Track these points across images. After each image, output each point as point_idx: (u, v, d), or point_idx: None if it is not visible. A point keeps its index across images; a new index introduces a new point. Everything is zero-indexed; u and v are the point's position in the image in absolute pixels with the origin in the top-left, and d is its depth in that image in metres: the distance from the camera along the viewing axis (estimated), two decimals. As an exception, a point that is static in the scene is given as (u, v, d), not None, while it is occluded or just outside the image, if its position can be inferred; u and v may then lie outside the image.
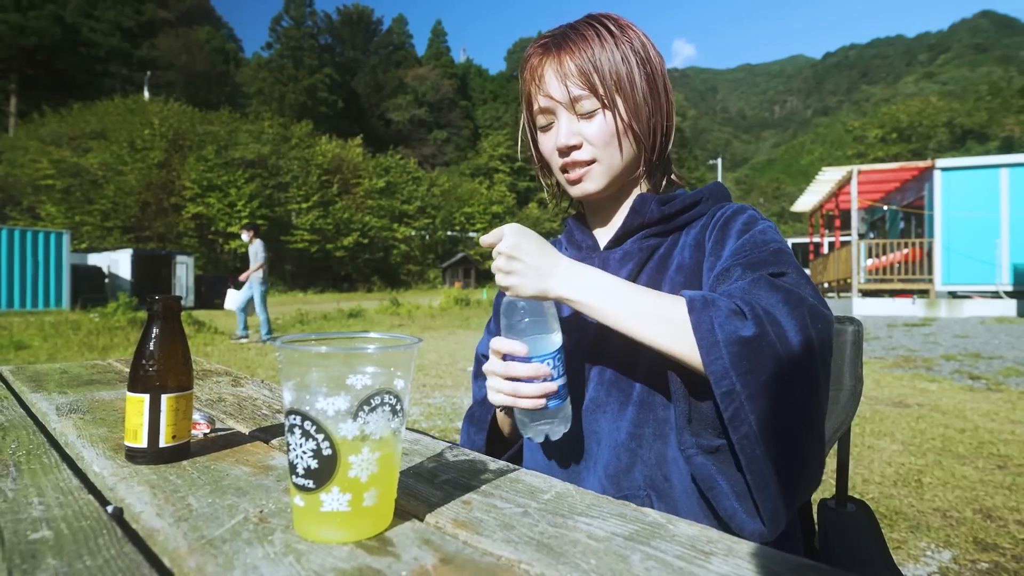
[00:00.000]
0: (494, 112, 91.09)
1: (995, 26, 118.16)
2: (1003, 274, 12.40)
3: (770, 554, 0.43)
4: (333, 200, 42.08)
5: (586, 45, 0.80)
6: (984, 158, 13.70)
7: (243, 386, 1.04)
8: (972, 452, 3.27)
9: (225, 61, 69.91)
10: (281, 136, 44.28)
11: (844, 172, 13.98)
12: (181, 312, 0.63)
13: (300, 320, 12.94)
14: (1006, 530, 2.29)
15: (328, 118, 66.62)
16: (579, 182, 0.84)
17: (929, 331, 8.90)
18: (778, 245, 0.74)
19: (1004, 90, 51.38)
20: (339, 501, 0.42)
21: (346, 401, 0.42)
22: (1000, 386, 5.07)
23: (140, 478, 0.56)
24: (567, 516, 0.49)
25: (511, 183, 58.50)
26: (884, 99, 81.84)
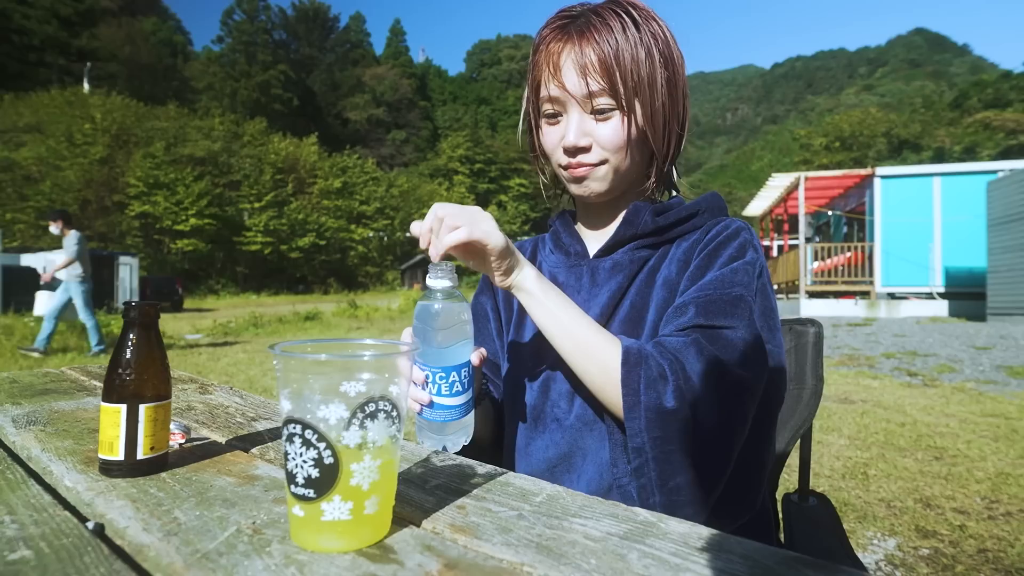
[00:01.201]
0: (453, 113, 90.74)
1: (928, 43, 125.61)
2: (936, 276, 13.19)
3: (757, 548, 0.45)
4: (288, 200, 41.04)
5: (610, 35, 0.73)
6: (919, 167, 14.56)
7: (212, 393, 1.01)
8: (912, 445, 3.46)
9: (172, 54, 67.16)
10: (233, 133, 42.90)
11: (792, 178, 14.58)
12: (158, 319, 0.61)
13: (254, 323, 12.56)
14: (944, 518, 2.43)
15: (282, 116, 64.96)
16: (583, 181, 0.79)
17: (870, 331, 9.36)
18: (740, 291, 0.71)
19: (936, 103, 54.69)
20: (340, 510, 0.42)
21: (347, 408, 0.42)
22: (935, 382, 5.39)
23: (119, 492, 0.54)
24: (561, 518, 0.50)
25: (471, 184, 58.38)
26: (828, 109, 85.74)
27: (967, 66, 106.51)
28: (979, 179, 12.34)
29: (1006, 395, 4.77)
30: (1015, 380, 5.34)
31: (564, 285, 0.85)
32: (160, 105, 44.45)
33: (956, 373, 5.75)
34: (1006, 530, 2.29)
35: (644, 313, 0.78)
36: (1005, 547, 2.15)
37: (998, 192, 11.10)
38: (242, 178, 39.32)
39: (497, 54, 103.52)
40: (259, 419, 0.84)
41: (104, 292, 19.48)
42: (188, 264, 36.74)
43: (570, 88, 0.74)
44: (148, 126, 37.81)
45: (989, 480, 2.85)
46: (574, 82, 0.74)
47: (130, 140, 36.30)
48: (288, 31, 79.34)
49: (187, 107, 48.83)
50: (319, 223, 41.08)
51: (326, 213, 42.42)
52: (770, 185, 15.27)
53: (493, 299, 0.96)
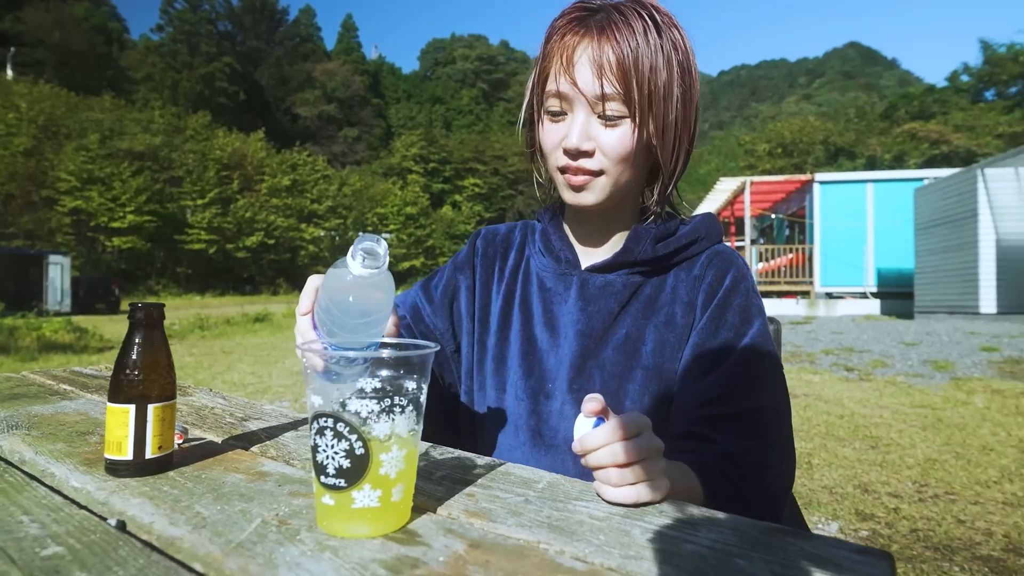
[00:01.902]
0: (408, 112, 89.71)
1: (861, 56, 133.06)
2: (869, 277, 14.03)
3: (744, 521, 0.50)
4: (234, 198, 39.58)
5: (631, 36, 0.69)
6: (854, 173, 15.45)
7: (192, 395, 1.00)
8: (850, 435, 3.70)
9: (107, 42, 63.62)
10: (174, 127, 41.02)
11: (738, 183, 15.19)
12: (163, 319, 0.61)
13: (200, 325, 12.09)
14: (880, 502, 2.62)
15: (228, 110, 62.61)
16: (577, 190, 0.76)
17: (811, 328, 9.87)
18: (759, 371, 0.74)
19: (868, 114, 58.01)
20: (370, 498, 0.45)
21: (376, 403, 0.45)
22: (869, 376, 5.75)
23: (132, 490, 0.55)
24: (565, 501, 0.55)
25: (425, 184, 57.87)
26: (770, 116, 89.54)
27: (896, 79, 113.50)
28: (907, 186, 13.20)
29: (932, 387, 5.15)
30: (939, 373, 5.76)
31: (551, 292, 0.84)
32: (94, 95, 42.03)
33: (888, 367, 6.15)
34: (934, 511, 2.50)
35: (640, 345, 0.78)
36: (934, 526, 2.34)
37: (924, 198, 11.91)
38: (184, 174, 37.68)
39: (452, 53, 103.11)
40: (250, 419, 0.84)
41: (32, 293, 18.31)
42: (125, 264, 34.91)
43: (582, 86, 0.70)
44: (81, 117, 35.70)
45: (919, 466, 3.08)
46: (587, 81, 0.70)
47: (60, 131, 34.17)
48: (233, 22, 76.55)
49: (124, 98, 46.38)
50: (267, 222, 39.83)
51: (275, 211, 41.17)
52: (718, 189, 15.86)
53: (471, 280, 0.92)
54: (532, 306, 0.86)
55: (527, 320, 0.85)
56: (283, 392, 5.28)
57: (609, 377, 0.79)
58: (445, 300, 0.90)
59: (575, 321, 0.81)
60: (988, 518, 2.41)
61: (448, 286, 0.91)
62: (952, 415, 4.16)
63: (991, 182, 10.11)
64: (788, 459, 0.75)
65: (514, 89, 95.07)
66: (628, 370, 0.78)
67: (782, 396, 0.76)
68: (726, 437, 0.71)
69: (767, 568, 0.41)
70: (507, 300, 0.88)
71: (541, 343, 0.83)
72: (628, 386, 0.78)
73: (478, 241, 0.95)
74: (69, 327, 10.09)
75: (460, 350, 0.90)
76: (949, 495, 2.67)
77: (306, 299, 0.58)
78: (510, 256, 0.92)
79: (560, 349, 0.81)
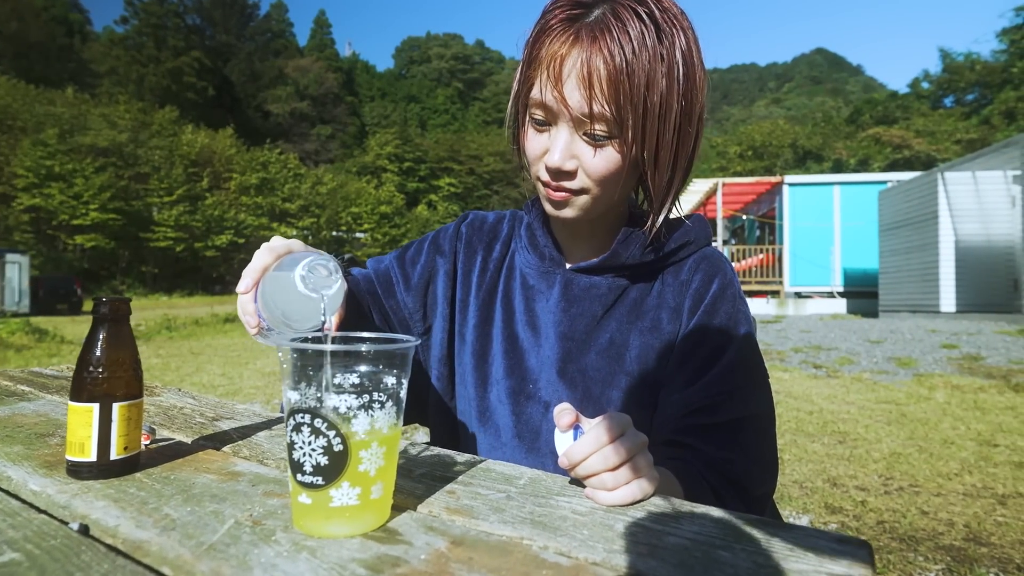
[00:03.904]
0: (382, 110, 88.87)
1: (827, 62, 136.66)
2: (836, 277, 14.41)
3: (727, 514, 0.51)
4: (202, 195, 38.61)
5: (627, 44, 0.63)
6: (821, 176, 15.85)
7: (160, 395, 0.97)
8: (819, 430, 3.78)
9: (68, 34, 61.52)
10: (140, 122, 39.84)
11: (711, 184, 15.45)
12: (130, 314, 0.59)
13: (167, 326, 11.77)
14: (848, 495, 2.68)
15: (197, 105, 61.13)
16: (558, 206, 0.73)
17: (781, 327, 10.08)
18: (743, 380, 0.74)
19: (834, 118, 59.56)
20: (349, 495, 0.44)
21: (355, 398, 0.44)
22: (837, 373, 5.90)
23: (96, 493, 0.52)
24: (547, 497, 0.54)
25: (400, 183, 57.42)
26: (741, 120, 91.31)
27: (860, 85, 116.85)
28: (872, 188, 13.61)
29: (896, 383, 5.31)
30: (903, 370, 5.94)
31: (534, 289, 0.83)
32: (54, 88, 40.61)
33: (855, 364, 6.32)
34: (899, 503, 2.57)
35: (624, 351, 0.77)
36: (899, 518, 2.41)
37: (887, 201, 12.28)
38: (151, 170, 36.64)
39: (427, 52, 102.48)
40: (221, 419, 0.82)
41: (-12, 293, 17.58)
42: (88, 263, 33.80)
43: (571, 104, 0.65)
44: (39, 111, 34.42)
45: (884, 460, 3.17)
46: (575, 98, 0.64)
47: (16, 125, 32.89)
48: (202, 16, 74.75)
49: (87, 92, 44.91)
50: (238, 220, 38.98)
51: (245, 210, 40.32)
52: (691, 190, 16.11)
53: (452, 266, 0.89)
54: (514, 303, 0.84)
55: (509, 317, 0.84)
56: (255, 394, 5.17)
57: (592, 383, 0.78)
58: (421, 281, 0.87)
59: (557, 322, 0.79)
60: (950, 509, 2.49)
61: (426, 266, 0.88)
62: (915, 410, 4.30)
63: (950, 185, 10.48)
64: (770, 469, 0.75)
65: (489, 89, 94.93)
66: (612, 376, 0.77)
67: (767, 406, 0.76)
68: (710, 447, 0.71)
69: (750, 559, 0.41)
70: (490, 293, 0.86)
71: (523, 342, 0.81)
72: (611, 393, 0.77)
73: (463, 226, 0.92)
74: (27, 328, 9.71)
75: (430, 332, 0.88)
76: (913, 487, 2.76)
77: (248, 278, 0.56)
78: (495, 248, 0.89)
79: (541, 350, 0.80)
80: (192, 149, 39.68)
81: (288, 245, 0.61)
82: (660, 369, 0.77)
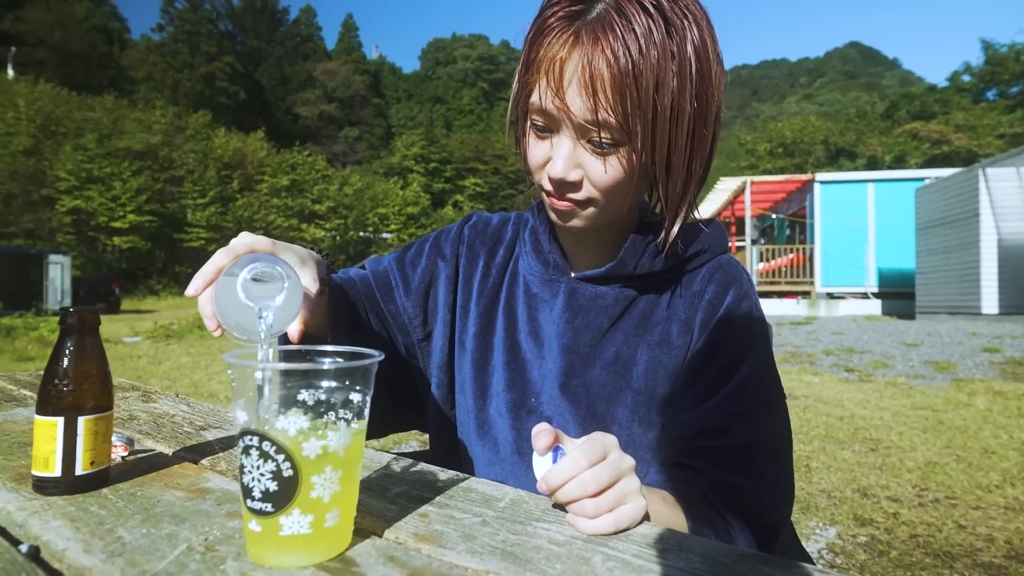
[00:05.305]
0: (408, 111, 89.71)
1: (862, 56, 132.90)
2: (870, 277, 13.98)
3: (715, 546, 0.46)
4: (234, 197, 39.52)
5: (632, 43, 0.57)
6: (855, 173, 15.42)
7: (156, 401, 0.96)
8: (850, 437, 3.65)
9: (108, 42, 63.64)
10: (175, 126, 40.99)
11: (739, 182, 15.14)
12: (99, 325, 0.57)
13: (198, 325, 12.05)
14: (879, 506, 2.57)
15: (229, 109, 62.65)
16: (563, 216, 0.69)
17: (811, 329, 9.82)
18: (759, 400, 0.70)
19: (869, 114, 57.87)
20: (300, 524, 0.41)
21: (306, 419, 0.41)
22: (870, 377, 5.70)
23: (55, 511, 0.50)
24: (525, 523, 0.50)
25: (426, 184, 57.86)
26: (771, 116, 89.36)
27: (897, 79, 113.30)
28: (908, 186, 13.15)
29: (933, 389, 5.10)
30: (940, 375, 5.71)
31: (537, 298, 0.79)
32: (94, 95, 42.03)
33: (889, 368, 6.11)
34: (935, 516, 2.45)
35: (631, 366, 0.73)
36: (934, 532, 2.30)
37: (925, 198, 11.86)
38: (185, 173, 37.65)
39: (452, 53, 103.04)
40: (208, 428, 0.80)
41: (32, 292, 18.30)
42: (126, 263, 34.89)
43: (573, 111, 0.60)
44: (79, 117, 35.66)
45: (919, 469, 3.03)
46: (577, 106, 0.60)
47: (59, 131, 34.14)
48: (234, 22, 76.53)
49: (125, 98, 46.38)
50: (267, 221, 39.77)
51: (275, 211, 41.11)
52: (718, 189, 15.82)
53: (453, 269, 0.85)
54: (517, 311, 0.80)
55: (511, 326, 0.80)
56: (278, 393, 5.24)
57: (596, 399, 0.73)
58: (422, 285, 0.83)
59: (560, 333, 0.75)
60: (990, 523, 2.36)
61: (427, 270, 0.84)
62: (953, 417, 4.11)
63: (993, 182, 10.05)
64: (785, 496, 0.70)
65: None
66: (617, 392, 0.73)
67: (782, 428, 0.72)
68: (718, 471, 0.66)
69: (736, 605, 0.37)
70: (491, 300, 0.82)
71: (525, 353, 0.77)
72: (616, 410, 0.73)
73: (466, 228, 0.88)
74: (67, 327, 10.06)
75: (430, 338, 0.84)
76: (950, 499, 2.63)
77: (198, 279, 0.53)
78: (498, 252, 0.85)
79: (544, 362, 0.76)
80: (224, 152, 40.62)
81: (251, 244, 0.56)
82: (669, 386, 0.73)
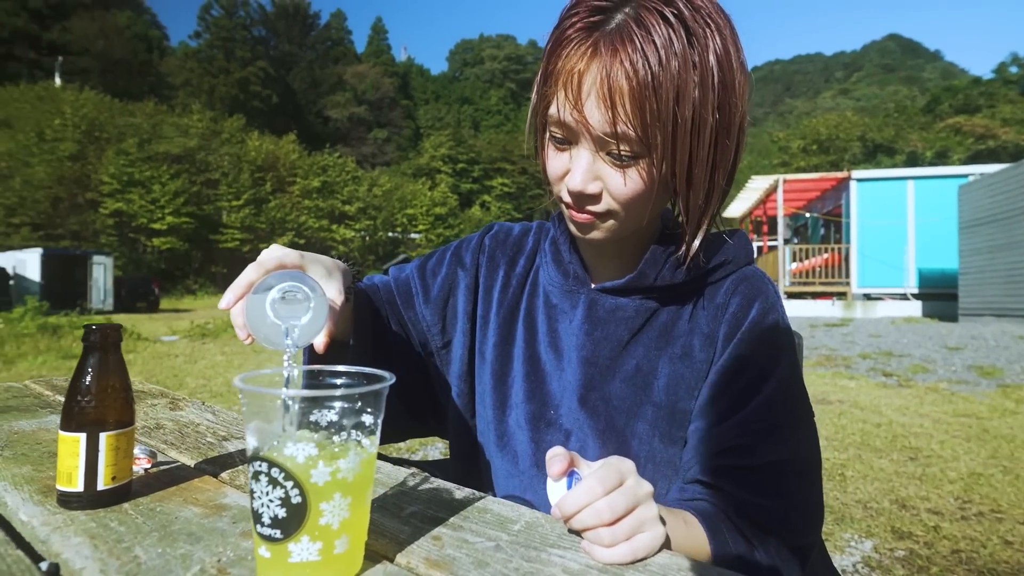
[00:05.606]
0: (436, 112, 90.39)
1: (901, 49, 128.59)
2: (910, 278, 13.50)
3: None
4: (267, 198, 40.45)
5: (652, 53, 0.56)
6: (893, 171, 14.92)
7: (182, 409, 0.98)
8: (887, 445, 3.53)
9: (148, 49, 65.84)
10: (211, 131, 42.16)
11: (771, 181, 14.80)
12: (120, 342, 0.58)
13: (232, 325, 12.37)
14: (919, 519, 2.48)
15: (262, 113, 64.10)
16: (583, 228, 0.68)
17: (847, 331, 9.54)
18: (787, 417, 0.68)
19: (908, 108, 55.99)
20: (309, 551, 0.40)
21: (315, 446, 0.40)
22: (909, 382, 5.50)
23: (77, 527, 0.51)
24: (540, 548, 0.49)
25: (453, 184, 58.20)
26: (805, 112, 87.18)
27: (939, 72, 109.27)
28: (951, 183, 12.66)
29: (977, 395, 4.89)
30: (985, 380, 5.47)
31: (557, 309, 0.78)
32: (135, 101, 43.55)
33: (930, 373, 5.88)
34: (978, 530, 2.34)
35: (652, 379, 0.72)
36: (978, 547, 2.20)
37: (968, 196, 11.40)
38: (220, 176, 38.71)
39: (480, 54, 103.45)
40: (230, 438, 0.81)
41: (77, 292, 19.04)
42: (165, 263, 36.03)
43: (592, 124, 0.59)
44: (121, 122, 36.99)
45: (962, 480, 2.91)
46: (595, 119, 0.59)
47: (102, 136, 35.46)
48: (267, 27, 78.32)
49: (164, 103, 47.92)
50: (299, 222, 40.59)
51: (306, 212, 41.92)
52: (749, 187, 15.49)
53: (473, 279, 0.84)
54: (537, 322, 0.79)
55: (531, 338, 0.79)
56: (308, 392, 5.33)
57: (616, 413, 0.72)
58: (441, 294, 0.84)
59: (579, 345, 0.74)
60: (1037, 540, 2.25)
61: (447, 280, 0.84)
62: (999, 425, 3.94)
63: (1042, 178, 9.61)
64: (813, 519, 0.67)
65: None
66: (637, 406, 0.71)
67: (811, 448, 0.69)
68: (743, 491, 0.64)
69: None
70: (511, 311, 0.82)
71: (545, 364, 0.77)
72: (637, 424, 0.71)
73: (487, 238, 0.88)
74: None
75: (449, 347, 0.84)
76: (995, 513, 2.51)
77: (230, 294, 0.53)
78: (519, 262, 0.84)
79: (564, 374, 0.75)
80: (258, 155, 41.61)
81: (280, 258, 0.57)
82: (691, 401, 0.71)
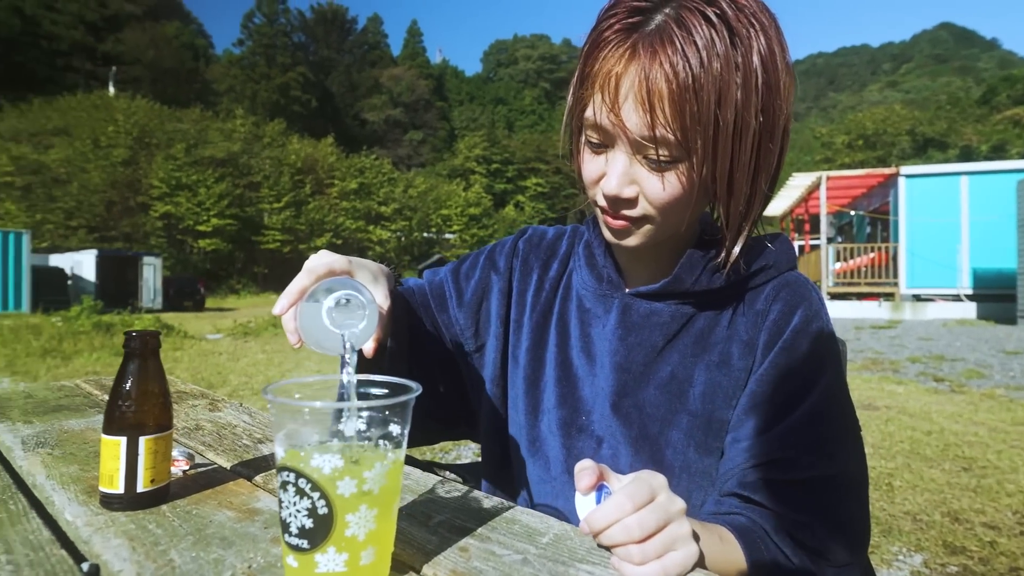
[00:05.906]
0: (470, 113, 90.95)
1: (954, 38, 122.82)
2: (963, 278, 12.87)
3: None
4: (306, 200, 41.48)
5: (693, 54, 0.54)
6: (945, 166, 14.24)
7: (221, 410, 1.01)
8: (939, 454, 3.37)
9: (195, 58, 68.33)
10: (253, 135, 43.50)
11: (814, 178, 14.34)
12: (159, 348, 0.60)
13: (273, 323, 12.70)
14: (973, 533, 2.36)
15: (302, 117, 65.69)
16: (618, 234, 0.66)
17: (895, 333, 9.17)
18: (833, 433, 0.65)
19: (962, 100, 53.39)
20: (335, 562, 0.40)
21: (341, 457, 0.41)
22: (962, 388, 5.25)
23: (117, 528, 0.53)
24: (568, 563, 0.48)
25: (488, 185, 58.47)
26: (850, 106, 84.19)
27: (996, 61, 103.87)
28: (1009, 178, 12.01)
29: (1037, 403, 4.63)
30: (1047, 387, 5.18)
31: (590, 313, 0.77)
32: (183, 107, 45.30)
33: (985, 379, 5.60)
34: (1038, 548, 2.22)
35: (687, 387, 0.70)
36: (1037, 566, 2.08)
37: (1029, 191, 10.79)
38: (262, 179, 39.90)
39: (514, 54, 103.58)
40: (265, 441, 0.83)
41: (129, 292, 19.91)
42: (210, 264, 37.34)
43: (629, 127, 0.57)
44: (169, 128, 38.53)
45: (1021, 494, 2.76)
46: (633, 122, 0.57)
47: (152, 142, 37.01)
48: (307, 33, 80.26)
49: (209, 109, 49.69)
50: (336, 223, 41.48)
51: (344, 214, 42.81)
52: (791, 185, 15.04)
53: (506, 283, 0.84)
54: (570, 326, 0.78)
55: (563, 342, 0.78)
56: (344, 391, 5.43)
57: (649, 421, 0.70)
58: (474, 298, 0.83)
59: (613, 351, 0.73)
60: (1105, 559, 2.11)
61: (480, 283, 0.84)
62: (1061, 435, 3.72)
63: (1111, 172, 9.02)
64: (859, 540, 0.64)
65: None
66: (672, 414, 0.69)
67: (857, 463, 0.66)
68: (784, 507, 0.61)
69: None
70: (544, 315, 0.81)
71: (577, 369, 0.75)
72: (671, 433, 0.69)
73: (521, 242, 0.87)
74: (158, 324, 10.87)
75: (482, 351, 0.84)
76: (1057, 529, 2.37)
77: (284, 300, 0.54)
78: (552, 266, 0.84)
79: (596, 380, 0.74)
80: (297, 158, 42.70)
81: (329, 265, 0.57)
82: (728, 410, 0.69)
